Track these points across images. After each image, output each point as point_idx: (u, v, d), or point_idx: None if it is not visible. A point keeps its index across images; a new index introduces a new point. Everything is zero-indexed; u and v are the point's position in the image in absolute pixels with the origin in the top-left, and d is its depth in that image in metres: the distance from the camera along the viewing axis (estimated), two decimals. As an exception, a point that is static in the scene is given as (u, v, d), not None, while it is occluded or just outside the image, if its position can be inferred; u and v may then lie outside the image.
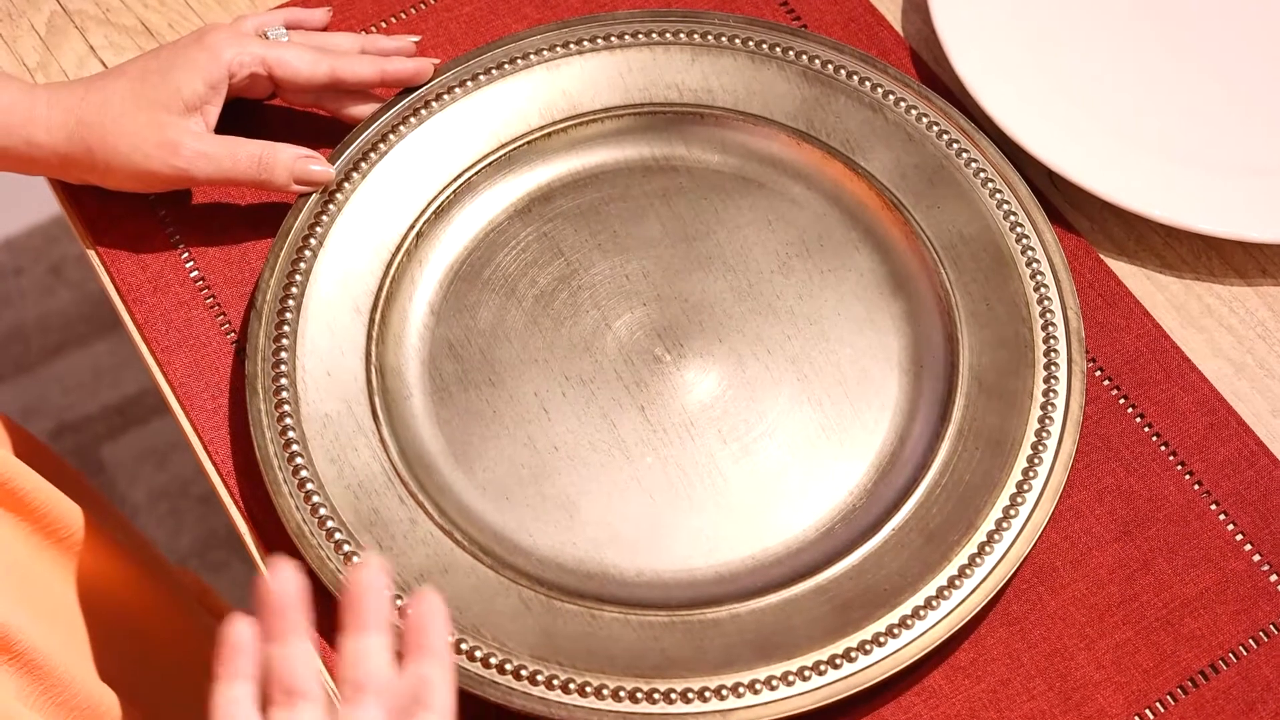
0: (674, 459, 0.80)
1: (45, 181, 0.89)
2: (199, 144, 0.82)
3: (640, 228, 0.86)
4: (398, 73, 0.86)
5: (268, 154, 0.82)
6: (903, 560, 0.76)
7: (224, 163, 0.82)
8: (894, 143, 0.86)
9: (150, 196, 0.87)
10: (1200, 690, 0.75)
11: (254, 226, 0.87)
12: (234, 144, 0.82)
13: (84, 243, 0.86)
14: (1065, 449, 0.78)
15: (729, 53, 0.89)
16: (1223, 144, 0.87)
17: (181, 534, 1.77)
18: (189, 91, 0.81)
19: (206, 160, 0.82)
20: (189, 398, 0.82)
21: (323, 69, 0.84)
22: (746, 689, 0.73)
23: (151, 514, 1.78)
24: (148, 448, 1.83)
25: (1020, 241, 0.83)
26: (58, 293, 1.92)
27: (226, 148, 0.82)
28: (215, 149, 0.82)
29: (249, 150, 0.82)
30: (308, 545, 0.75)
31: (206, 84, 0.82)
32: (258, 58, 0.83)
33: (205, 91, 0.82)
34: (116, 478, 1.81)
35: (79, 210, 0.87)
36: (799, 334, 0.83)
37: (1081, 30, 0.92)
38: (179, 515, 1.79)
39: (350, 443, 0.79)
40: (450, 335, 0.83)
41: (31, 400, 1.85)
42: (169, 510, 1.79)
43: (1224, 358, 0.83)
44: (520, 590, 0.75)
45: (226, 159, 0.82)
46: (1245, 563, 0.78)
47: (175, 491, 1.79)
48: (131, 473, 1.81)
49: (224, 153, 0.82)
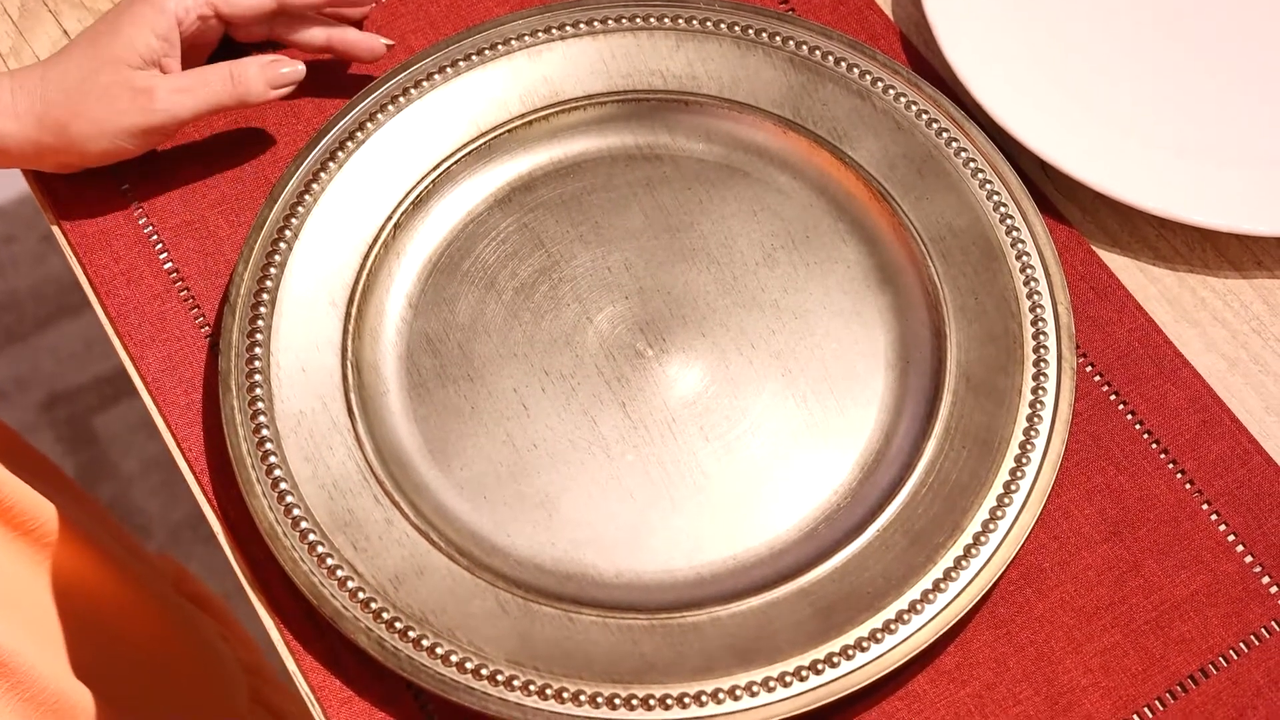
0: (655, 457, 0.78)
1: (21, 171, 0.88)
2: (171, 82, 0.81)
3: (623, 218, 0.84)
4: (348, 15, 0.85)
5: (237, 70, 0.82)
6: (887, 562, 0.74)
7: (199, 92, 0.81)
8: (882, 131, 0.85)
9: (124, 185, 0.85)
10: (1189, 695, 0.74)
11: (229, 217, 0.85)
12: (202, 72, 0.82)
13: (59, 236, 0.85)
14: (1054, 449, 0.76)
15: (714, 38, 0.87)
16: (1218, 135, 0.86)
17: (175, 506, 1.76)
18: (143, 46, 0.80)
19: (183, 94, 0.81)
20: (162, 393, 0.80)
21: (268, 2, 0.84)
22: (726, 695, 0.71)
23: (144, 484, 1.77)
24: (141, 418, 1.82)
25: (1010, 234, 0.81)
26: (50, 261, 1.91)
27: (198, 77, 0.82)
28: (188, 82, 0.81)
29: (219, 73, 0.82)
30: (280, 547, 0.74)
31: (158, 36, 0.81)
32: (201, 0, 0.82)
33: (159, 44, 0.81)
34: (109, 448, 1.80)
35: (52, 199, 0.85)
36: (784, 328, 0.81)
37: (1076, 18, 0.90)
38: (172, 487, 1.78)
39: (325, 441, 0.77)
40: (428, 329, 0.81)
41: (24, 370, 1.84)
42: (162, 481, 1.78)
43: (1217, 353, 0.81)
44: (497, 593, 0.74)
45: (201, 87, 0.81)
46: (1237, 564, 0.76)
47: (168, 462, 1.79)
48: (125, 443, 1.80)
49: (196, 81, 0.81)
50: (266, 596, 0.76)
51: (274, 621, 0.75)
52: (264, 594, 0.76)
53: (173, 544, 1.74)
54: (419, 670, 0.72)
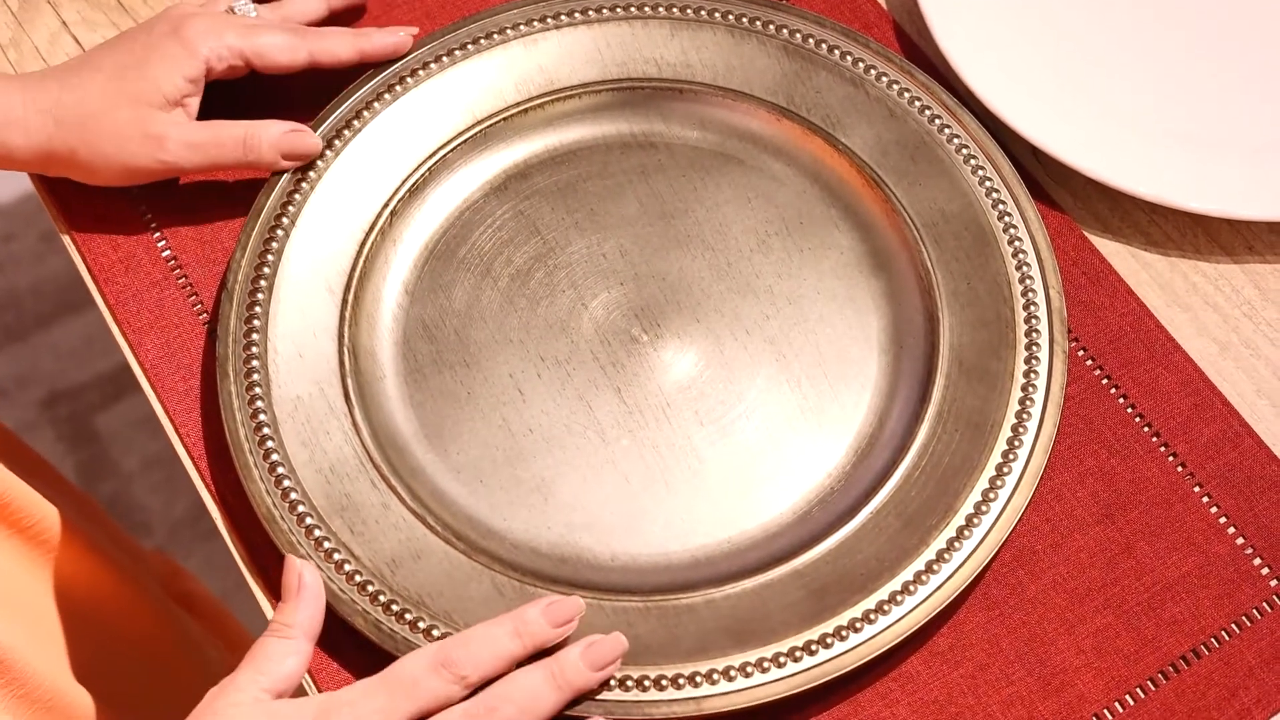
0: (650, 441, 0.79)
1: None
2: (184, 134, 0.80)
3: (618, 205, 0.85)
4: (376, 49, 0.85)
5: (252, 134, 0.81)
6: (880, 544, 0.75)
7: (210, 150, 0.81)
8: (875, 118, 0.85)
9: (122, 175, 0.86)
10: (1181, 676, 0.74)
11: (227, 205, 0.86)
12: (218, 129, 0.81)
13: (56, 223, 0.85)
14: (1046, 431, 0.77)
15: (708, 27, 0.87)
16: (1210, 120, 0.86)
17: (175, 501, 1.77)
18: (169, 87, 0.80)
19: (192, 150, 0.80)
20: (160, 379, 0.81)
21: (301, 56, 0.83)
22: (721, 676, 0.72)
23: (145, 481, 1.78)
24: (142, 415, 1.82)
25: (1003, 219, 0.82)
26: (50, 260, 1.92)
27: (211, 133, 0.81)
28: (200, 137, 0.81)
29: (233, 134, 0.81)
30: (278, 530, 0.75)
31: (186, 79, 0.81)
32: (235, 50, 0.82)
33: (185, 85, 0.81)
34: (110, 446, 1.80)
35: (51, 190, 0.86)
36: (778, 313, 0.82)
37: (1069, 6, 0.90)
38: (173, 483, 1.78)
39: (322, 425, 0.78)
40: (425, 315, 0.82)
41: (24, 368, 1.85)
42: (164, 478, 1.79)
43: (1209, 337, 0.82)
44: (493, 576, 0.75)
45: (213, 146, 0.81)
46: (1228, 546, 0.77)
47: (169, 459, 1.79)
48: (125, 441, 1.81)
49: (209, 139, 0.81)
50: (265, 582, 0.77)
51: (272, 607, 0.76)
52: (262, 579, 0.77)
53: (172, 541, 1.74)
54: (416, 653, 0.72)
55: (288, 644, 0.69)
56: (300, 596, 0.70)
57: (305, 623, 0.70)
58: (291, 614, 0.70)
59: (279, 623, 0.70)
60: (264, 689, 0.68)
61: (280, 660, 0.69)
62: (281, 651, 0.69)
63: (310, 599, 0.71)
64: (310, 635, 0.70)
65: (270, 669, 0.68)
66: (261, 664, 0.68)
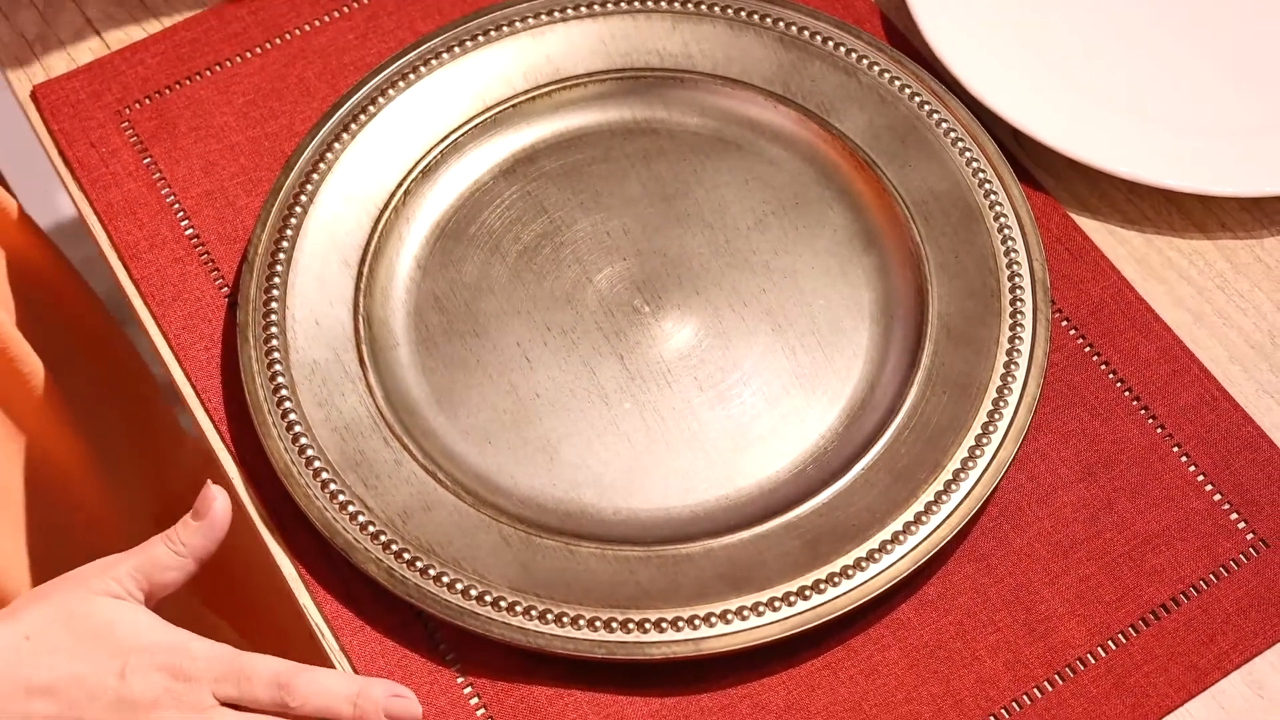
0: (652, 405, 0.82)
1: (42, 147, 0.92)
2: None
3: (621, 187, 0.89)
4: None
5: None
6: (871, 498, 0.78)
7: None
8: (868, 105, 0.89)
9: (146, 158, 0.90)
10: (1162, 622, 0.77)
11: (248, 188, 0.89)
12: None
13: (84, 203, 0.89)
14: (1030, 392, 0.80)
15: (708, 20, 0.92)
16: (1184, 104, 0.90)
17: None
18: None
19: None
20: (183, 348, 0.85)
21: None
22: (718, 619, 0.75)
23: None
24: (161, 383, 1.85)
25: (988, 198, 0.86)
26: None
27: None
28: None
29: None
30: (295, 484, 0.78)
31: None
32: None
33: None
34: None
35: (79, 170, 0.90)
36: (774, 287, 0.86)
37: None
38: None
39: (338, 388, 0.81)
40: (436, 289, 0.86)
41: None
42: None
43: (1184, 308, 0.86)
44: (500, 527, 0.78)
45: None
46: (1206, 502, 0.80)
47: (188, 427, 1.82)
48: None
49: None
50: (282, 536, 0.80)
51: (288, 557, 0.79)
52: (280, 534, 0.80)
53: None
54: (426, 597, 0.76)
55: (176, 559, 0.75)
56: (205, 523, 0.75)
57: (199, 549, 0.75)
58: (191, 536, 0.75)
59: (177, 539, 0.75)
60: (139, 588, 0.74)
61: (163, 570, 0.74)
62: (167, 563, 0.75)
63: (211, 528, 0.76)
64: (199, 560, 0.76)
65: (152, 574, 0.74)
66: (146, 565, 0.74)
